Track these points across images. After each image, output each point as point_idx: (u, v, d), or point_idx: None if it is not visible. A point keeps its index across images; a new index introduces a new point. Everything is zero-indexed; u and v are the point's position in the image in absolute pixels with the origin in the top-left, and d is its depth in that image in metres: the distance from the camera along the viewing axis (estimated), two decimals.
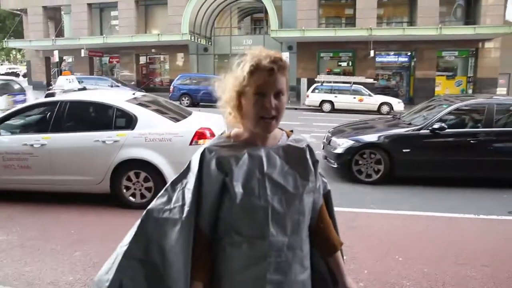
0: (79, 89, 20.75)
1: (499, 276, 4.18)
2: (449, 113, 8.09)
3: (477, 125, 8.04)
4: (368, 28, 25.05)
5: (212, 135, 5.96)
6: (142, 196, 6.03)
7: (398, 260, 4.50)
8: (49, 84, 32.29)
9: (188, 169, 1.63)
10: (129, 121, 6.05)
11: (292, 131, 1.76)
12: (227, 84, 1.58)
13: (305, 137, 1.76)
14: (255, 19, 36.21)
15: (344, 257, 1.83)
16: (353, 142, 7.99)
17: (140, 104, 6.42)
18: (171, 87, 25.18)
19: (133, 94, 6.90)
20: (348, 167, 7.92)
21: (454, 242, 5.04)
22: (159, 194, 1.65)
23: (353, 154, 7.87)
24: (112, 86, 25.84)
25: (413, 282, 4.03)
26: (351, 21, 29.19)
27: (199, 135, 5.91)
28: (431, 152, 7.89)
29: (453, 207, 6.43)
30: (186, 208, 1.56)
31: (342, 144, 8.05)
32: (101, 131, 6.02)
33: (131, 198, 6.04)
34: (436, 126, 7.73)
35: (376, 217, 5.98)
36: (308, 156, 1.68)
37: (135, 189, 6.03)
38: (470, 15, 27.47)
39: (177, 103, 23.18)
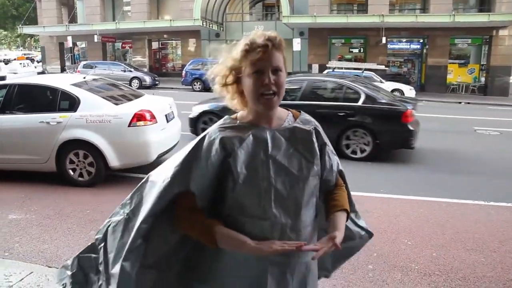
0: (38, 73, 21.09)
1: (507, 262, 4.23)
2: None
3: (294, 99, 8.86)
4: (380, 15, 24.77)
5: (152, 117, 6.27)
6: (86, 174, 6.35)
7: (407, 244, 4.57)
8: (63, 69, 32.52)
9: (190, 144, 1.64)
10: (72, 104, 6.32)
11: (300, 111, 1.74)
12: (221, 68, 1.59)
13: (314, 120, 1.74)
14: (267, 5, 35.98)
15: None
16: (198, 110, 9.55)
17: (87, 88, 6.68)
18: (183, 72, 25.25)
19: (84, 77, 7.15)
20: (196, 131, 9.28)
21: (463, 227, 5.08)
22: (165, 162, 1.71)
23: (196, 120, 9.41)
24: (124, 71, 26.07)
25: (421, 266, 4.09)
26: (363, 8, 28.92)
27: (138, 117, 6.20)
28: None
29: (463, 193, 6.45)
30: (167, 179, 1.58)
31: (194, 110, 9.65)
32: (46, 113, 6.27)
33: (75, 176, 6.36)
34: None
35: (386, 201, 6.02)
36: (315, 139, 1.66)
37: (80, 168, 6.30)
38: (485, 2, 27.06)
39: (189, 87, 23.60)
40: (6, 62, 43.05)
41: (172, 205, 1.60)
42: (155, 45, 34.80)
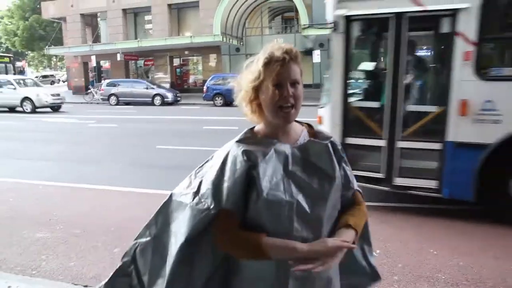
0: None
1: None
2: None
3: None
4: None
5: None
6: None
7: (432, 254, 4.49)
8: (87, 88, 33.25)
9: (212, 160, 1.64)
10: None
11: (310, 126, 1.72)
12: (243, 82, 1.59)
13: (327, 131, 1.73)
14: (286, 18, 36.24)
15: (378, 251, 1.81)
16: None
17: None
18: (205, 87, 25.49)
19: None
20: None
21: (492, 235, 4.98)
22: (184, 180, 1.71)
23: None
24: (147, 88, 26.51)
25: (448, 276, 4.01)
26: None
27: None
28: None
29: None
30: (201, 199, 1.57)
31: None
32: None
33: None
34: None
35: (408, 211, 5.93)
36: (332, 152, 1.64)
37: None
38: None
39: (210, 103, 23.82)
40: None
41: (208, 227, 1.57)
42: (176, 61, 35.37)
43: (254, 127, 1.67)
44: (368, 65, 6.85)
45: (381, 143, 5.69)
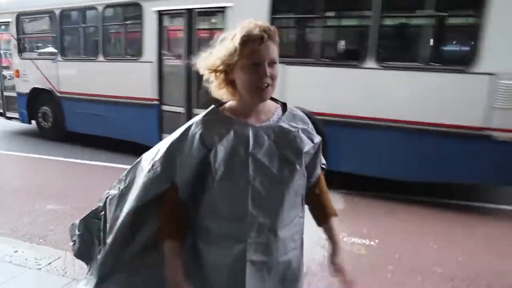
0: None
1: None
2: None
3: None
4: None
5: None
6: None
7: (432, 247, 4.48)
8: None
9: (176, 133, 1.63)
10: None
11: (285, 104, 1.68)
12: (215, 59, 1.53)
13: (303, 114, 1.69)
14: None
15: (377, 240, 1.79)
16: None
17: None
18: None
19: None
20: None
21: (493, 233, 4.92)
22: (156, 145, 1.74)
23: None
24: None
25: (445, 269, 4.00)
26: None
27: None
28: None
29: (495, 197, 6.20)
30: (153, 166, 1.62)
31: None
32: None
33: None
34: None
35: (414, 204, 5.79)
36: (302, 137, 1.61)
37: None
38: None
39: None
40: None
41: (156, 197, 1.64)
42: None
43: (221, 104, 1.63)
44: None
45: None
